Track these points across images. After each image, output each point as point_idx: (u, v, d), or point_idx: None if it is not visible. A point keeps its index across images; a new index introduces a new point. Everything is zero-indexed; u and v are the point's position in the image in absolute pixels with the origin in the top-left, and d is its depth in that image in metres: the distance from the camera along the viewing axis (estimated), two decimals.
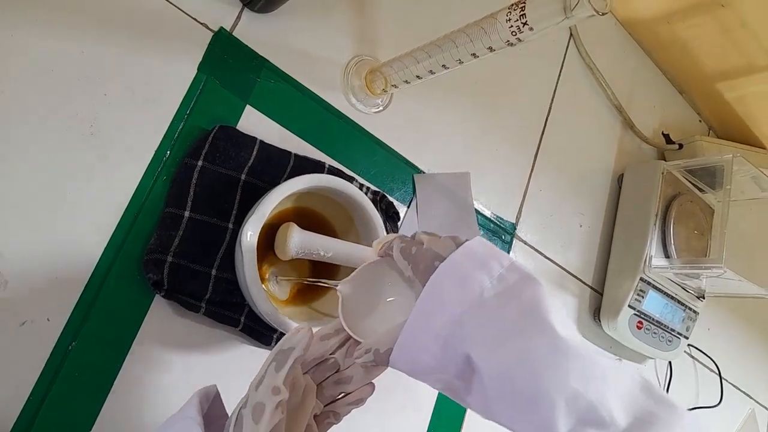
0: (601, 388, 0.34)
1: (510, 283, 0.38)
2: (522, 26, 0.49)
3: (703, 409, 1.12)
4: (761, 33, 0.98)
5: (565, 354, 0.35)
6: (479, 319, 0.37)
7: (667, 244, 0.94)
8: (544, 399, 0.33)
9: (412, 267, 0.41)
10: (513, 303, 0.37)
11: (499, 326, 0.36)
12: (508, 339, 0.36)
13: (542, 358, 0.34)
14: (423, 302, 0.38)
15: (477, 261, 0.39)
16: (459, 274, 0.38)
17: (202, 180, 0.56)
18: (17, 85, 0.50)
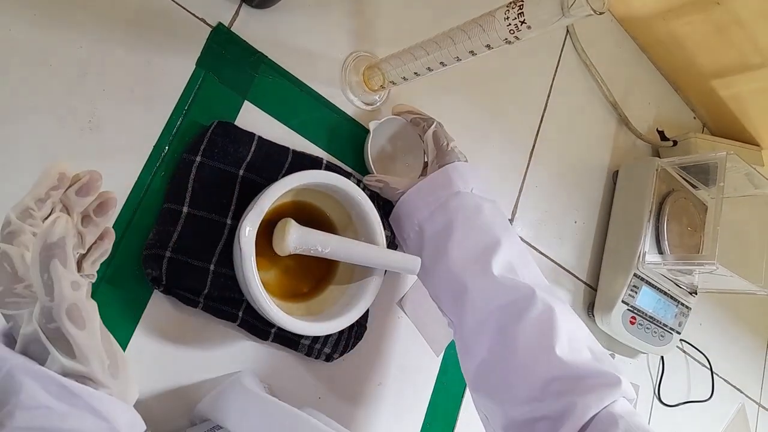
0: (521, 261, 0.59)
1: (487, 195, 0.64)
2: (520, 25, 0.50)
3: (694, 403, 1.13)
4: (756, 31, 0.99)
5: (511, 234, 0.60)
6: (468, 199, 0.61)
7: (661, 240, 0.94)
8: (491, 251, 0.57)
9: (435, 150, 0.67)
10: (489, 202, 0.62)
11: (478, 207, 0.60)
12: (481, 216, 0.60)
13: (497, 231, 0.59)
14: (434, 178, 0.63)
15: (473, 172, 0.64)
16: (462, 173, 0.63)
17: (200, 175, 0.56)
18: (15, 80, 0.50)
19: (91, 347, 0.34)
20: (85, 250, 0.39)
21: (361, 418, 0.68)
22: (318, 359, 0.63)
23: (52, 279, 0.33)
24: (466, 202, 0.59)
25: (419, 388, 0.74)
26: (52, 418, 0.31)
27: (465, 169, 0.62)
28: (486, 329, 0.55)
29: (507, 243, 0.57)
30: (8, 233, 0.36)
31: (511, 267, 0.56)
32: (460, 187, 0.60)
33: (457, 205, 0.59)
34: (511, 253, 0.57)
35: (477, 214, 0.59)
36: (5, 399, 0.31)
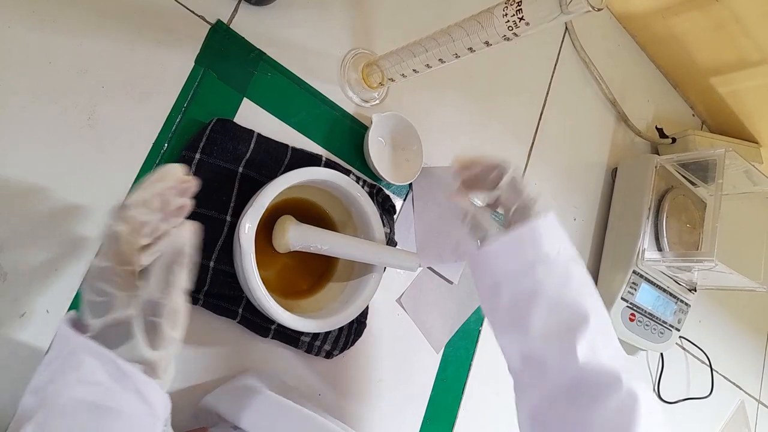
0: (606, 340, 0.49)
1: (572, 253, 0.54)
2: (518, 21, 0.50)
3: (694, 400, 1.13)
4: (755, 28, 0.99)
5: (599, 310, 0.50)
6: (558, 264, 0.51)
7: (660, 237, 0.95)
8: (579, 329, 0.48)
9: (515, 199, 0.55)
10: (579, 265, 0.53)
11: (569, 273, 0.51)
12: (572, 285, 0.51)
13: (587, 305, 0.50)
14: (521, 235, 0.52)
15: (555, 228, 0.54)
16: (549, 230, 0.53)
17: (200, 173, 0.56)
18: (15, 77, 0.50)
19: (172, 347, 0.39)
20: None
21: (361, 414, 0.68)
22: (318, 356, 0.63)
23: (171, 281, 0.38)
24: (555, 269, 0.51)
25: (419, 384, 0.75)
26: (103, 394, 0.36)
27: (552, 226, 0.54)
28: (557, 407, 0.48)
29: (594, 319, 0.49)
30: (123, 218, 0.39)
31: (595, 347, 0.48)
32: (549, 250, 0.51)
33: (545, 271, 0.51)
34: (597, 330, 0.49)
35: (566, 285, 0.51)
36: (66, 372, 0.36)
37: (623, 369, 0.47)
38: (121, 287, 0.38)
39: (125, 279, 0.39)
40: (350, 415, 0.67)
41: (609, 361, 0.47)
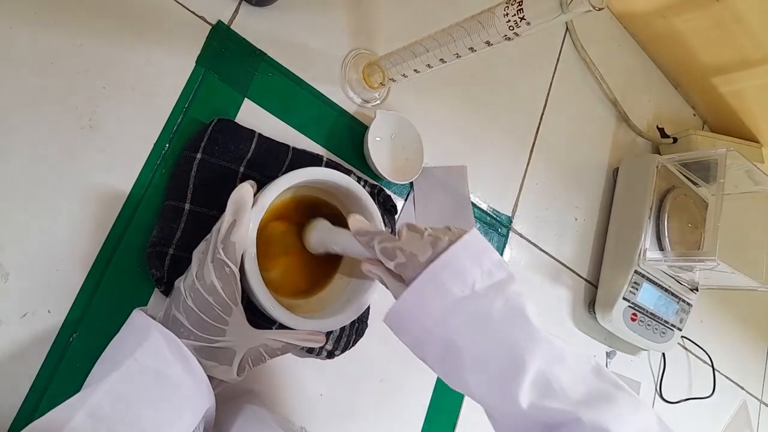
0: (559, 369, 0.42)
1: (496, 279, 0.45)
2: (519, 21, 0.50)
3: (696, 400, 1.13)
4: (755, 27, 0.99)
5: (536, 340, 0.42)
6: (471, 307, 0.43)
7: (662, 237, 0.94)
8: (515, 376, 0.41)
9: (398, 269, 0.47)
10: (500, 296, 0.44)
11: (487, 314, 0.43)
12: (493, 325, 0.43)
13: (520, 345, 0.42)
14: (421, 286, 0.44)
15: (470, 256, 0.45)
16: (455, 267, 0.44)
17: (201, 172, 0.56)
18: (16, 79, 0.50)
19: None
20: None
21: (362, 414, 0.68)
22: (319, 356, 0.63)
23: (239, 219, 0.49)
24: (468, 313, 0.43)
25: (421, 384, 0.75)
26: (165, 366, 0.44)
27: (459, 257, 0.44)
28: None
29: (530, 355, 0.41)
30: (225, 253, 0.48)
31: (546, 382, 0.41)
32: (457, 292, 0.43)
33: (457, 321, 0.43)
34: (541, 364, 0.41)
35: (486, 328, 0.43)
36: (139, 345, 0.45)
37: (585, 403, 0.40)
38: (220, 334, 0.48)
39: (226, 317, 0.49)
40: (352, 416, 0.67)
41: (563, 401, 0.40)
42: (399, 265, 0.46)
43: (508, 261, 0.87)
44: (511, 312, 0.43)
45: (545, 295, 0.92)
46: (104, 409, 0.40)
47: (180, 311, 0.47)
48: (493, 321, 0.43)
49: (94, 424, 0.39)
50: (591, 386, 0.42)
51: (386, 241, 0.48)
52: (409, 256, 0.46)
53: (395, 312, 0.46)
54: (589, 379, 0.43)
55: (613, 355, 1.00)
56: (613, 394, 0.41)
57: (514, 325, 0.43)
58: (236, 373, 0.49)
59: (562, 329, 0.94)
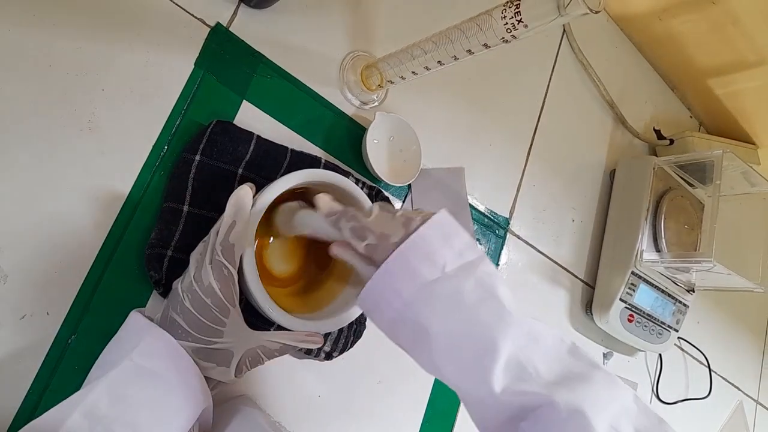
0: (531, 350, 0.41)
1: (467, 260, 0.43)
2: (517, 23, 0.50)
3: (692, 400, 1.13)
4: (752, 29, 0.99)
5: (508, 322, 0.41)
6: (441, 289, 0.42)
7: (658, 238, 0.95)
8: (487, 360, 0.40)
9: (367, 250, 0.45)
10: (471, 276, 0.42)
11: (457, 296, 0.41)
12: (463, 307, 0.41)
13: (491, 327, 0.41)
14: (390, 267, 0.43)
15: (440, 237, 0.43)
16: (425, 249, 0.43)
17: (200, 174, 0.56)
18: (15, 81, 0.50)
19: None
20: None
21: (361, 415, 0.68)
22: (317, 358, 0.64)
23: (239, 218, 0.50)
24: (438, 295, 0.42)
25: (419, 385, 0.75)
26: (158, 364, 0.45)
27: (428, 239, 0.43)
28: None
29: (503, 336, 0.40)
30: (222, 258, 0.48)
31: (519, 365, 0.40)
32: (426, 274, 0.42)
33: (427, 303, 0.42)
34: (514, 346, 0.40)
35: (456, 309, 0.41)
36: (136, 346, 0.45)
37: (559, 384, 0.39)
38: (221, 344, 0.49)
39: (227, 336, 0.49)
40: (349, 417, 0.68)
41: (537, 383, 0.39)
42: (369, 247, 0.44)
43: (505, 262, 0.87)
44: (481, 293, 0.42)
45: (542, 296, 0.92)
46: (100, 408, 0.40)
47: (177, 313, 0.47)
48: (462, 303, 0.41)
49: (91, 423, 0.39)
50: (566, 367, 0.41)
51: (355, 220, 0.46)
52: (380, 237, 0.44)
53: (366, 294, 0.44)
54: (564, 359, 0.42)
55: (610, 356, 1.00)
56: (588, 374, 0.40)
57: (485, 307, 0.41)
58: (234, 374, 0.49)
59: (559, 330, 0.94)
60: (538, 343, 0.42)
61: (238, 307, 0.49)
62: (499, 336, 0.40)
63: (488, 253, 0.85)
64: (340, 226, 0.47)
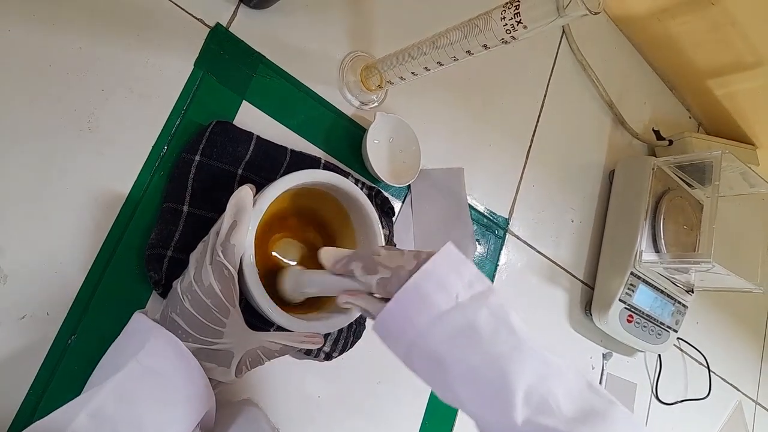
0: (552, 384, 0.40)
1: (478, 290, 0.43)
2: (516, 24, 0.50)
3: (691, 401, 1.14)
4: (750, 30, 1.00)
5: (526, 354, 0.41)
6: (455, 319, 0.42)
7: (657, 239, 0.95)
8: (506, 391, 0.39)
9: (380, 284, 0.45)
10: (483, 306, 0.42)
11: (472, 326, 0.41)
12: (479, 338, 0.41)
13: (508, 357, 0.40)
14: (403, 298, 0.43)
15: (450, 268, 0.44)
16: (437, 279, 0.43)
17: (199, 175, 0.56)
18: (15, 81, 0.50)
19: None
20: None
21: (360, 416, 0.68)
22: (317, 358, 0.64)
23: (239, 221, 0.50)
24: (453, 325, 0.42)
25: (418, 386, 0.75)
26: (164, 365, 0.45)
27: (439, 269, 0.43)
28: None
29: (521, 368, 0.40)
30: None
31: (540, 397, 0.40)
32: (441, 304, 0.42)
33: (442, 333, 0.42)
34: (533, 378, 0.40)
35: (473, 340, 0.41)
36: (141, 347, 0.45)
37: (580, 421, 0.39)
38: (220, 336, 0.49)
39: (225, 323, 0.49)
40: (349, 417, 0.68)
41: (558, 418, 0.39)
42: (382, 281, 0.45)
43: (504, 263, 0.87)
44: (496, 323, 0.42)
45: (542, 296, 0.92)
46: (107, 410, 0.41)
47: (177, 313, 0.47)
48: (477, 333, 0.41)
49: (97, 424, 0.39)
50: (586, 402, 0.41)
51: (366, 259, 0.47)
52: (393, 270, 0.44)
53: (381, 323, 0.44)
54: (585, 395, 0.41)
55: (609, 357, 1.00)
56: (608, 412, 0.40)
57: (501, 337, 0.41)
58: (234, 374, 0.49)
59: (558, 331, 0.94)
60: (557, 376, 0.41)
61: (238, 307, 0.49)
62: (517, 367, 0.40)
63: (487, 253, 0.85)
64: (351, 267, 0.47)
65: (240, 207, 0.50)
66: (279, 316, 0.53)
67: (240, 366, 0.50)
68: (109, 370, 0.47)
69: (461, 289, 0.43)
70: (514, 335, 0.42)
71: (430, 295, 0.42)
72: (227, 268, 0.48)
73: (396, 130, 0.73)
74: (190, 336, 0.47)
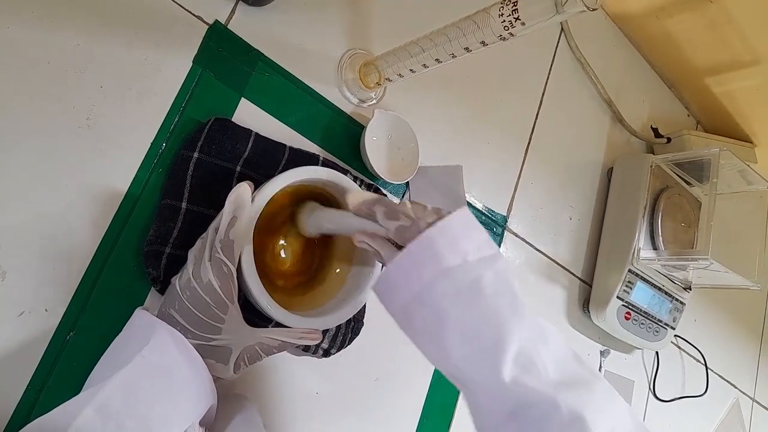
0: (542, 348, 0.43)
1: (486, 254, 0.45)
2: (514, 21, 0.50)
3: (689, 398, 1.14)
4: (748, 29, 1.00)
5: (522, 316, 0.43)
6: (461, 275, 0.43)
7: (655, 236, 0.95)
8: (498, 349, 0.41)
9: (399, 231, 0.46)
10: (490, 269, 0.44)
11: (477, 284, 0.43)
12: (481, 296, 0.43)
13: (505, 317, 0.42)
14: (415, 249, 0.44)
15: (464, 228, 0.45)
16: (450, 236, 0.44)
17: (198, 172, 0.57)
18: (13, 78, 0.50)
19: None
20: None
21: (358, 413, 0.69)
22: (315, 354, 0.64)
23: (238, 218, 0.51)
24: (458, 281, 0.43)
25: (416, 382, 0.75)
26: (169, 360, 0.45)
27: (454, 227, 0.45)
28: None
29: (517, 329, 0.42)
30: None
31: (529, 359, 0.42)
32: (449, 260, 0.43)
33: (447, 288, 0.43)
34: (525, 340, 0.42)
35: (475, 297, 0.43)
36: (146, 342, 0.45)
37: (564, 385, 0.41)
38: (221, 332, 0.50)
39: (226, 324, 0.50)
40: (347, 414, 0.68)
41: (544, 381, 0.41)
42: (400, 228, 0.46)
43: None
44: (499, 285, 0.43)
45: (540, 293, 0.92)
46: (113, 404, 0.41)
47: (176, 310, 0.47)
48: (481, 292, 0.43)
49: (103, 419, 0.39)
50: (571, 370, 0.43)
51: (390, 205, 0.48)
52: (414, 220, 0.45)
53: (387, 274, 0.45)
54: (570, 362, 0.44)
55: (606, 354, 1.00)
56: (591, 382, 0.42)
57: (502, 298, 0.43)
58: (233, 370, 0.49)
59: (556, 328, 0.94)
60: (547, 341, 0.43)
61: (236, 304, 0.49)
62: (513, 328, 0.42)
63: None
64: (375, 209, 0.48)
65: (239, 204, 0.50)
66: (277, 312, 0.53)
67: (238, 362, 0.50)
68: (112, 366, 0.47)
69: (471, 250, 0.44)
70: (514, 299, 0.44)
71: (440, 250, 0.43)
72: (226, 264, 0.48)
73: (394, 127, 0.73)
74: (188, 332, 0.47)
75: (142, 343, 0.45)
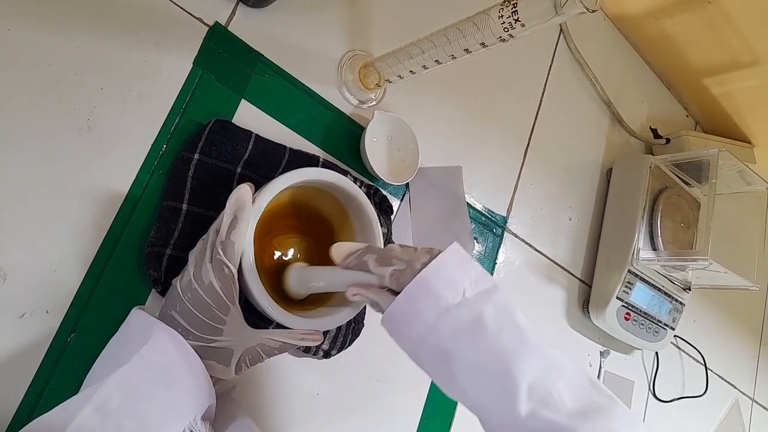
0: (556, 378, 0.41)
1: (484, 287, 0.45)
2: (514, 23, 0.50)
3: (688, 398, 1.14)
4: (747, 29, 1.00)
5: (530, 348, 0.42)
6: (462, 314, 0.43)
7: (655, 236, 0.95)
8: (511, 384, 0.40)
9: (394, 276, 0.46)
10: (489, 303, 0.43)
11: (479, 320, 0.42)
12: (485, 332, 0.42)
13: (512, 351, 0.42)
14: (412, 292, 0.44)
15: (458, 264, 0.45)
16: (446, 274, 0.44)
17: (198, 173, 0.57)
18: (14, 80, 0.50)
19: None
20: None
21: (358, 414, 0.69)
22: (316, 356, 0.64)
23: (239, 220, 0.50)
24: (460, 320, 0.43)
25: (416, 384, 0.75)
26: (167, 360, 0.45)
27: (449, 265, 0.45)
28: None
29: (527, 363, 0.41)
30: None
31: (545, 391, 0.41)
32: (449, 299, 0.43)
33: (449, 328, 0.43)
34: (538, 372, 0.41)
35: (479, 335, 0.42)
36: (145, 338, 0.45)
37: (582, 415, 0.40)
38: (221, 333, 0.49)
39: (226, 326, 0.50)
40: (348, 415, 0.68)
41: (562, 412, 0.40)
42: (395, 273, 0.45)
43: (503, 261, 0.87)
44: (501, 319, 0.43)
45: (540, 294, 0.93)
46: (112, 403, 0.41)
47: (177, 311, 0.47)
48: (485, 328, 0.42)
49: (102, 418, 0.40)
50: (588, 398, 0.42)
51: (381, 252, 0.48)
52: (408, 262, 0.45)
53: (390, 316, 0.45)
54: (587, 390, 0.42)
55: (606, 354, 1.00)
56: (609, 408, 0.41)
57: (506, 332, 0.43)
58: (234, 372, 0.49)
59: (556, 328, 0.94)
60: (560, 371, 0.42)
61: (238, 305, 0.49)
62: (522, 362, 0.41)
63: (486, 251, 0.85)
64: (365, 259, 0.48)
65: (239, 205, 0.50)
66: (278, 313, 0.53)
67: (240, 363, 0.50)
68: (110, 366, 0.47)
69: (468, 285, 0.44)
70: (518, 331, 0.43)
71: (438, 290, 0.43)
72: (227, 265, 0.48)
73: (394, 128, 0.73)
74: (190, 334, 0.47)
75: (140, 343, 0.45)
